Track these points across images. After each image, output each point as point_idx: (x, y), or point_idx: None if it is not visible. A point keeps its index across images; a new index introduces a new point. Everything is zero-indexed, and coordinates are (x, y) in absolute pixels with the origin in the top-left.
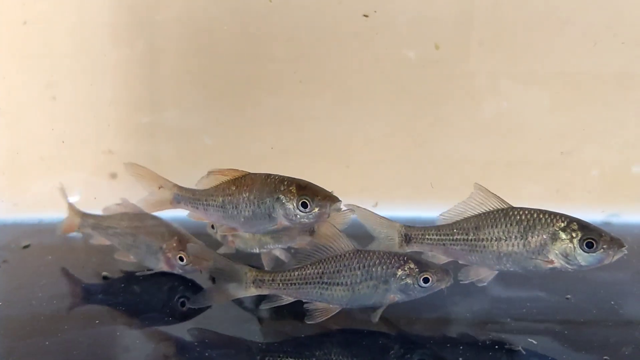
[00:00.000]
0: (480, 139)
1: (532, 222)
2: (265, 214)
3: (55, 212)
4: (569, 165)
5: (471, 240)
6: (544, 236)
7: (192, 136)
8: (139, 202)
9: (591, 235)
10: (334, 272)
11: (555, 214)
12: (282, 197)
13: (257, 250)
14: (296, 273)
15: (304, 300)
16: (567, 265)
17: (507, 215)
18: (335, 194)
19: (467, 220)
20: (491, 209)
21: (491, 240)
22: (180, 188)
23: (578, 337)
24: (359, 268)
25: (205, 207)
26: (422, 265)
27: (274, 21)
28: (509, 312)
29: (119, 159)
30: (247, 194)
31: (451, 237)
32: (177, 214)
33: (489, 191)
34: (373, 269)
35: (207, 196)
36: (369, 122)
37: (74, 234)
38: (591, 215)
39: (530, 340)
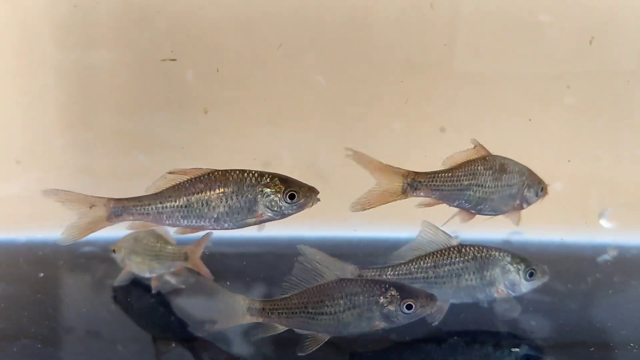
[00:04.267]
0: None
1: (485, 258)
2: (244, 208)
3: None
4: None
5: (431, 277)
6: (497, 270)
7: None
8: (68, 229)
9: (532, 267)
10: (317, 302)
11: (502, 250)
12: (266, 190)
13: (148, 275)
14: (282, 302)
15: (294, 330)
16: (512, 293)
17: (460, 253)
18: None
19: (422, 259)
20: (440, 243)
21: (451, 277)
22: (118, 200)
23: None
24: (342, 297)
25: (158, 211)
26: (405, 292)
27: (210, 37)
28: None
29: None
30: (223, 189)
31: (410, 276)
32: None
33: (437, 227)
34: (355, 298)
35: (163, 199)
36: (299, 139)
37: None
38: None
39: None
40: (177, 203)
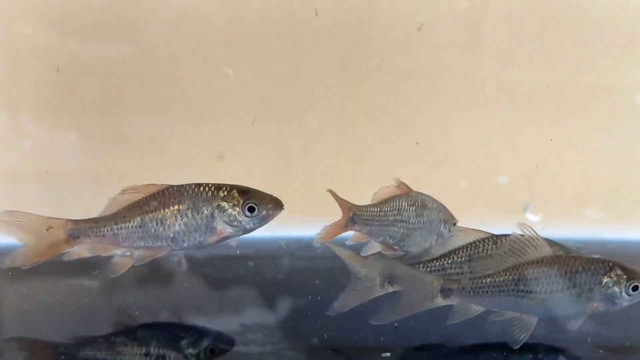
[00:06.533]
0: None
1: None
2: (202, 225)
3: None
4: (436, 177)
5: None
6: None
7: None
8: (21, 253)
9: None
10: (531, 279)
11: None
12: (224, 204)
13: None
14: (489, 280)
15: (494, 310)
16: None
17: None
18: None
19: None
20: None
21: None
22: (75, 221)
23: None
24: (561, 275)
25: (115, 232)
26: (630, 272)
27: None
28: None
29: None
30: (177, 207)
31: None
32: None
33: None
34: (576, 276)
35: (117, 219)
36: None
37: None
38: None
39: None
40: (132, 224)
